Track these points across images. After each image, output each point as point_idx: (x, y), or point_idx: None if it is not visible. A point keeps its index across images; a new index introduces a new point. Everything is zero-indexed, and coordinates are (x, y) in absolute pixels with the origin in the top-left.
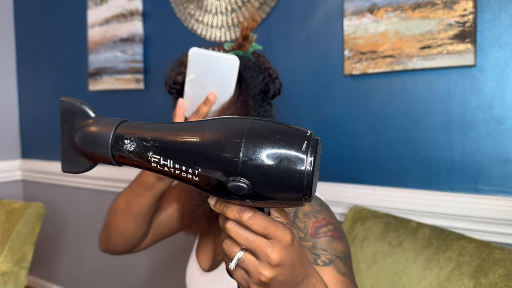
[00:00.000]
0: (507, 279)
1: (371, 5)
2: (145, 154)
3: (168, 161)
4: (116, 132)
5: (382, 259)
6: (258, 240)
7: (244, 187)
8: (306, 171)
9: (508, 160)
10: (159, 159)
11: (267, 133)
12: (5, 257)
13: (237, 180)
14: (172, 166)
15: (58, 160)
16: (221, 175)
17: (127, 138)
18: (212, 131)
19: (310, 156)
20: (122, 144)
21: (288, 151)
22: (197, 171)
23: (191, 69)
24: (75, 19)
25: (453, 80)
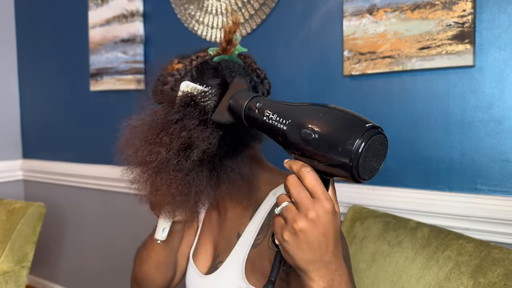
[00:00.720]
0: (506, 278)
1: (371, 6)
2: (264, 110)
3: (274, 115)
4: (253, 98)
5: (381, 259)
6: (304, 193)
7: (312, 136)
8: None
9: (507, 160)
10: (270, 114)
11: (342, 110)
12: (6, 256)
13: (308, 129)
14: (275, 118)
15: (59, 160)
16: (299, 126)
17: (259, 101)
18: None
19: (364, 138)
20: (255, 102)
21: (349, 129)
22: (288, 121)
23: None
24: (76, 20)
25: (452, 80)
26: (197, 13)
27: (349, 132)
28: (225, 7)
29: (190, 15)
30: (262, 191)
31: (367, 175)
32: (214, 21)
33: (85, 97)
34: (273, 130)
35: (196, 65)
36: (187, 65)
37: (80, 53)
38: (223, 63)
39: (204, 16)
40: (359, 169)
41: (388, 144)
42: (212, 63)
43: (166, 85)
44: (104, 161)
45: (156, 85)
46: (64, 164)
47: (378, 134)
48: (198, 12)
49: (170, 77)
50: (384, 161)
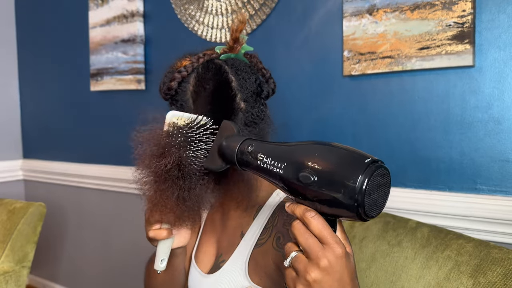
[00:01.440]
0: (506, 278)
1: (370, 6)
2: (256, 154)
3: (268, 158)
4: (245, 140)
5: (381, 258)
6: (313, 240)
7: (311, 179)
8: (359, 187)
9: (506, 160)
10: (263, 157)
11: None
12: (6, 256)
13: (306, 172)
14: (269, 162)
15: (59, 160)
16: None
17: (250, 145)
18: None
19: (366, 174)
20: (246, 147)
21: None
22: (283, 165)
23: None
24: (76, 20)
25: (452, 80)
26: (197, 13)
27: (349, 170)
28: (225, 7)
29: (190, 15)
30: (264, 191)
31: (374, 212)
32: (214, 21)
33: (86, 97)
34: (269, 174)
35: (203, 63)
36: (194, 62)
37: (80, 53)
38: (229, 62)
39: (204, 16)
40: (365, 208)
41: (390, 177)
42: (218, 61)
43: (173, 81)
44: (105, 161)
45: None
46: (65, 164)
47: (379, 168)
48: (198, 12)
49: (177, 74)
50: (389, 194)
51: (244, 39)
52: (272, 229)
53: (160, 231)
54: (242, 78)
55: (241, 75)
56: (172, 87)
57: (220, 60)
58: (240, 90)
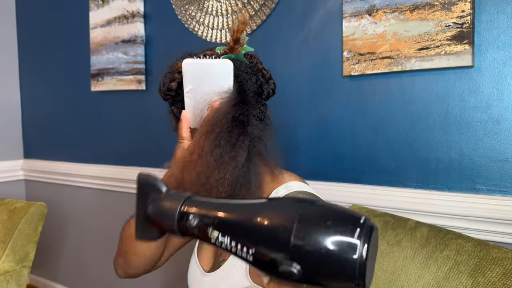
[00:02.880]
0: (505, 277)
1: (370, 7)
2: (205, 229)
3: (226, 238)
4: (181, 208)
5: (380, 258)
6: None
7: (295, 273)
8: (358, 261)
9: (505, 160)
10: (217, 235)
11: (318, 218)
12: (7, 256)
13: (288, 265)
14: (229, 243)
15: (59, 160)
16: (273, 258)
17: (192, 213)
18: (265, 214)
19: (363, 244)
20: (186, 219)
21: (340, 238)
22: (251, 250)
23: (187, 80)
24: (77, 21)
25: (451, 80)
26: (198, 14)
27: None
28: (226, 8)
29: (191, 16)
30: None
31: (370, 280)
32: (215, 22)
33: (86, 97)
34: (235, 255)
35: None
36: None
37: (81, 53)
38: None
39: (204, 17)
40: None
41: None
42: None
43: (173, 82)
44: (105, 161)
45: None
46: (65, 164)
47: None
48: (198, 13)
49: (177, 74)
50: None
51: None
52: None
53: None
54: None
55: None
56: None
57: None
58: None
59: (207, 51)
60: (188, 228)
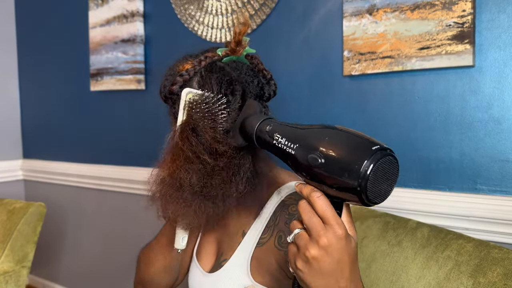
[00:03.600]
0: (506, 278)
1: (370, 6)
2: (273, 133)
3: (283, 139)
4: (263, 121)
5: (381, 258)
6: (316, 219)
7: (318, 161)
8: (366, 162)
9: (506, 160)
10: (279, 137)
11: (349, 132)
12: (6, 256)
13: (315, 154)
14: (284, 142)
15: (59, 160)
16: (307, 150)
17: (269, 124)
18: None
19: (373, 159)
20: (265, 126)
21: (358, 150)
22: (295, 146)
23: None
24: (76, 20)
25: (452, 80)
26: (197, 14)
27: (356, 156)
28: (225, 7)
29: (190, 15)
30: (266, 190)
31: (378, 198)
32: (214, 22)
33: (86, 97)
34: (282, 153)
35: (205, 66)
36: (196, 66)
37: (80, 53)
38: (231, 64)
39: (204, 17)
40: (368, 193)
41: (398, 166)
42: (220, 64)
43: (175, 85)
44: (104, 161)
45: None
46: (65, 164)
47: (386, 156)
48: (198, 12)
49: (179, 77)
50: (395, 184)
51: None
52: (274, 228)
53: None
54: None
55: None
56: (173, 91)
57: (223, 63)
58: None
59: (209, 53)
60: (263, 132)
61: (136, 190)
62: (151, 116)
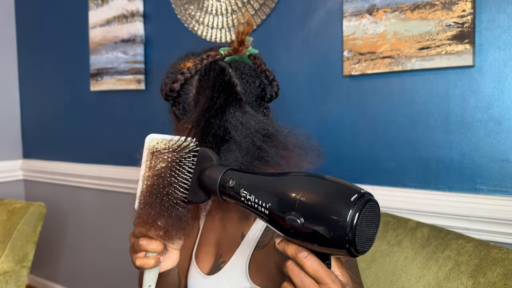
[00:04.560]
0: (506, 278)
1: (370, 6)
2: (238, 190)
3: (252, 196)
4: (224, 174)
5: (381, 258)
6: (309, 281)
7: (298, 222)
8: (349, 223)
9: (506, 160)
10: (246, 194)
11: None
12: (6, 256)
13: (293, 215)
14: (253, 200)
15: (59, 160)
16: (282, 209)
17: (231, 178)
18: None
19: (356, 210)
20: (227, 181)
21: (337, 203)
22: (268, 205)
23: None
24: (76, 20)
25: (452, 80)
26: (197, 14)
27: (337, 211)
28: (225, 7)
29: (190, 15)
30: None
31: (366, 247)
32: (214, 22)
33: (85, 97)
34: (255, 212)
35: (206, 64)
36: (197, 64)
37: (80, 53)
38: (233, 64)
39: (204, 17)
40: (356, 246)
41: (379, 206)
42: (222, 64)
43: (176, 83)
44: (105, 161)
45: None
46: (65, 164)
47: (367, 203)
48: (198, 12)
49: (180, 75)
50: (379, 225)
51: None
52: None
53: (147, 260)
54: (247, 82)
55: (245, 79)
56: (174, 88)
57: (225, 62)
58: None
59: (211, 52)
60: (226, 188)
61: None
62: (151, 116)
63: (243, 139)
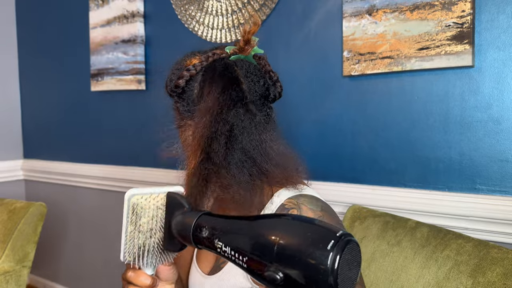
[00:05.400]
0: (505, 277)
1: (370, 7)
2: (213, 240)
3: (228, 248)
4: (196, 222)
5: (380, 258)
6: None
7: (277, 278)
8: (330, 269)
9: (505, 160)
10: (221, 246)
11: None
12: (7, 256)
13: (272, 271)
14: (229, 252)
15: (59, 160)
16: (261, 265)
17: (204, 227)
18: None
19: (335, 254)
20: (199, 231)
21: (315, 248)
22: (245, 258)
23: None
24: (77, 20)
25: (451, 80)
26: (198, 14)
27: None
28: (226, 7)
29: (191, 16)
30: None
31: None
32: (215, 22)
33: (86, 97)
34: (234, 263)
35: (212, 62)
36: (203, 61)
37: (80, 53)
38: (239, 63)
39: (204, 17)
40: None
41: (359, 247)
42: (227, 61)
43: (181, 79)
44: (105, 161)
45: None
46: (65, 164)
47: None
48: (198, 12)
49: (186, 72)
50: (361, 265)
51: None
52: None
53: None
54: (251, 81)
55: (250, 78)
56: (179, 85)
57: (230, 60)
58: (249, 92)
59: (217, 50)
60: (200, 238)
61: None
62: (152, 116)
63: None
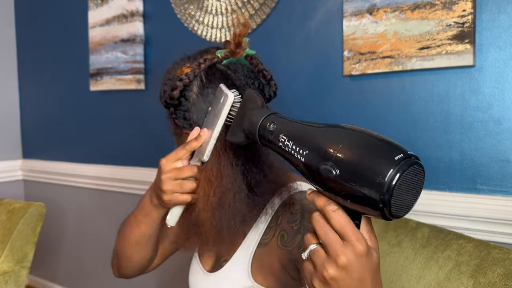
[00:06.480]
0: (506, 278)
1: (370, 6)
2: (278, 134)
3: (290, 142)
4: (266, 117)
5: (381, 258)
6: (333, 235)
7: (332, 172)
8: (387, 184)
9: (506, 160)
10: (285, 140)
11: (368, 136)
12: (6, 256)
13: (328, 165)
14: (291, 146)
15: (59, 160)
16: (318, 160)
17: (272, 122)
18: (323, 132)
19: (400, 167)
20: (268, 125)
21: (381, 156)
22: (305, 152)
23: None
24: (76, 20)
25: (452, 80)
26: (197, 13)
27: (377, 166)
28: (225, 7)
29: (190, 15)
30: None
31: (401, 212)
32: (214, 21)
33: (85, 97)
34: (290, 158)
35: (205, 69)
36: (195, 69)
37: (80, 53)
38: (231, 67)
39: (204, 16)
40: (391, 209)
41: (424, 173)
42: (220, 67)
43: (175, 90)
44: (105, 161)
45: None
46: (64, 164)
47: (411, 165)
48: (198, 12)
49: (179, 82)
50: (420, 193)
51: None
52: (276, 228)
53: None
54: (246, 84)
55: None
56: (174, 96)
57: (223, 65)
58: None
59: (208, 55)
60: (266, 131)
61: (136, 190)
62: (151, 116)
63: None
